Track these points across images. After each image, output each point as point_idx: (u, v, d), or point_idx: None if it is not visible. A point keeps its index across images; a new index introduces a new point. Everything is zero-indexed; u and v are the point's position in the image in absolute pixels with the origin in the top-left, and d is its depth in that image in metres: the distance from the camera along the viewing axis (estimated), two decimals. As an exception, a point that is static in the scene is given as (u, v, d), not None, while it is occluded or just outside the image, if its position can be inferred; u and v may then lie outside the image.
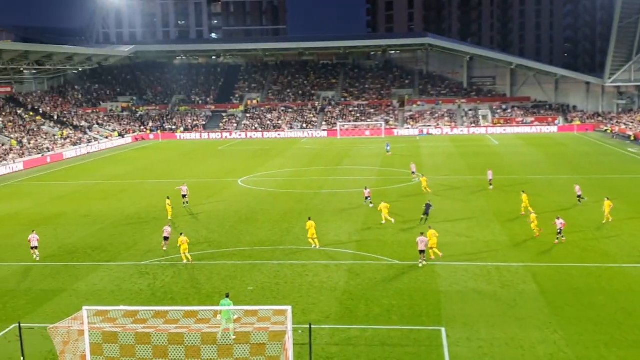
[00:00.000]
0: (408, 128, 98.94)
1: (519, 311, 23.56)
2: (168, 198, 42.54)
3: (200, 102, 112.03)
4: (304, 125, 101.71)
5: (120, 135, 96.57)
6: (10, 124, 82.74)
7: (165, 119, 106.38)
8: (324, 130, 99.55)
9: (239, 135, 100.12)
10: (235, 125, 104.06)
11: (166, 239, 33.06)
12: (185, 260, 30.81)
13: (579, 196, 41.73)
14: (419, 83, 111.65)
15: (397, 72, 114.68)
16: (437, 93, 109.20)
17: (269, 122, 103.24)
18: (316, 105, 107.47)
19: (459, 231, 35.40)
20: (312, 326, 20.40)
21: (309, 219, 34.29)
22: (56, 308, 25.23)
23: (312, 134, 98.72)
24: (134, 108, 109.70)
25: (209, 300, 25.37)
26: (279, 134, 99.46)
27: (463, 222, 37.74)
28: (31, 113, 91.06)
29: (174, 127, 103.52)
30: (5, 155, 71.04)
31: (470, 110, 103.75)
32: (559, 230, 32.21)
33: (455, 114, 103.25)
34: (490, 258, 30.42)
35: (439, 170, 58.51)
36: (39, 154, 75.81)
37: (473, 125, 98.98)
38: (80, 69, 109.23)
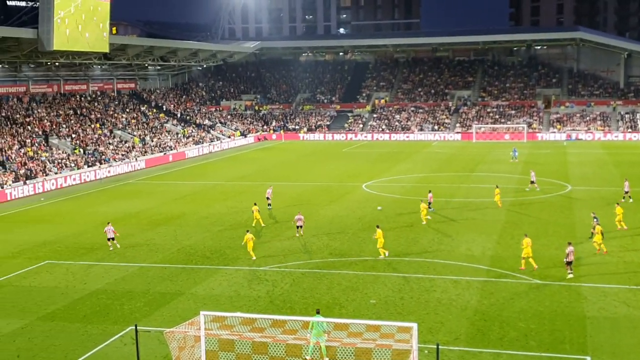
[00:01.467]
0: (554, 132, 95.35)
1: (681, 345, 22.05)
2: (255, 204, 42.33)
3: (325, 101, 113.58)
4: (436, 127, 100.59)
5: (243, 134, 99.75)
6: (133, 120, 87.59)
7: (288, 118, 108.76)
8: (458, 132, 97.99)
9: (365, 136, 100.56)
10: (361, 126, 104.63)
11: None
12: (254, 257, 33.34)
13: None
14: (568, 82, 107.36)
15: (543, 69, 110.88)
16: (588, 93, 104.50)
17: (397, 123, 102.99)
18: (450, 105, 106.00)
19: (610, 249, 33.64)
20: (440, 347, 20.07)
21: (377, 227, 34.08)
22: (173, 312, 26.37)
23: (444, 136, 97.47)
24: (257, 107, 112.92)
25: (329, 311, 25.58)
26: (407, 136, 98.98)
27: (615, 239, 35.83)
28: (154, 110, 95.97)
29: (297, 127, 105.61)
30: (128, 152, 75.27)
31: (627, 113, 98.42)
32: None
33: (610, 117, 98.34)
34: (647, 282, 28.70)
35: (588, 181, 55.93)
36: (161, 152, 79.74)
37: (630, 130, 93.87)
38: (205, 66, 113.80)
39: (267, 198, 47.20)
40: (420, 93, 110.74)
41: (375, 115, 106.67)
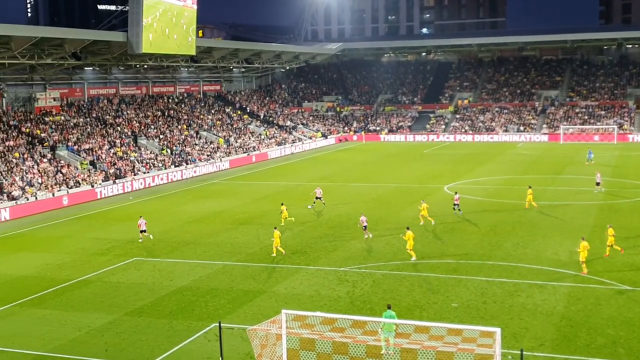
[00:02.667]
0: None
1: None
2: (283, 204, 44.05)
3: (407, 102, 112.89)
4: (521, 128, 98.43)
5: (324, 136, 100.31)
6: (218, 122, 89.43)
7: (369, 119, 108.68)
8: (545, 134, 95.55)
9: (447, 137, 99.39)
10: (444, 126, 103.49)
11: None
12: (274, 254, 34.42)
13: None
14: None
15: (635, 69, 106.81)
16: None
17: (480, 124, 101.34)
18: (536, 105, 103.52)
19: None
20: (524, 352, 19.67)
21: (407, 228, 33.99)
22: (255, 309, 26.79)
23: (530, 137, 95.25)
24: (338, 108, 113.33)
25: (409, 313, 25.44)
26: (491, 137, 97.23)
27: None
28: (239, 112, 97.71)
29: (378, 128, 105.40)
30: (213, 153, 76.90)
31: None
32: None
33: None
34: None
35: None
36: (244, 153, 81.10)
37: None
38: (288, 68, 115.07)
39: (318, 197, 48.58)
40: (505, 93, 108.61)
41: (458, 116, 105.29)
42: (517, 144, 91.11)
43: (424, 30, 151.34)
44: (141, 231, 39.43)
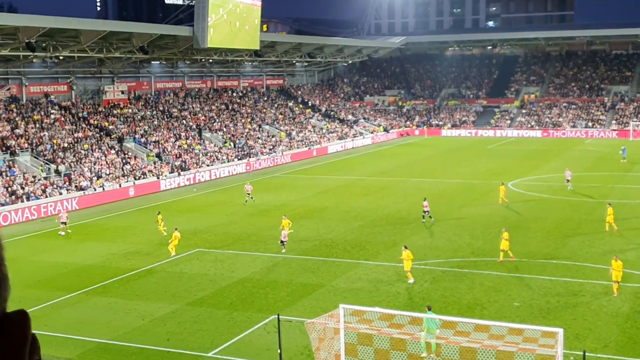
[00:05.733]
0: None
1: None
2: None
3: (471, 96, 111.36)
4: (589, 124, 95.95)
5: (385, 130, 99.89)
6: (281, 116, 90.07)
7: (432, 114, 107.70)
8: (614, 130, 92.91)
9: (512, 133, 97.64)
10: (509, 122, 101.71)
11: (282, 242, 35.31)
12: (172, 254, 34.33)
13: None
14: None
15: None
16: None
17: (547, 120, 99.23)
18: (605, 101, 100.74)
19: None
20: (587, 353, 19.21)
21: (405, 247, 29.87)
22: (314, 303, 26.91)
23: (598, 133, 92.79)
24: (400, 102, 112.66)
25: (469, 312, 25.15)
26: (558, 133, 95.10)
27: None
28: (301, 106, 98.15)
29: (440, 122, 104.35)
30: (275, 146, 77.50)
31: None
32: None
33: None
34: None
35: None
36: (306, 147, 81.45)
37: None
38: (350, 62, 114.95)
39: (248, 194, 49.34)
40: (574, 88, 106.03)
41: (524, 111, 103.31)
42: (584, 140, 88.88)
43: (490, 23, 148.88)
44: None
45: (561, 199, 47.50)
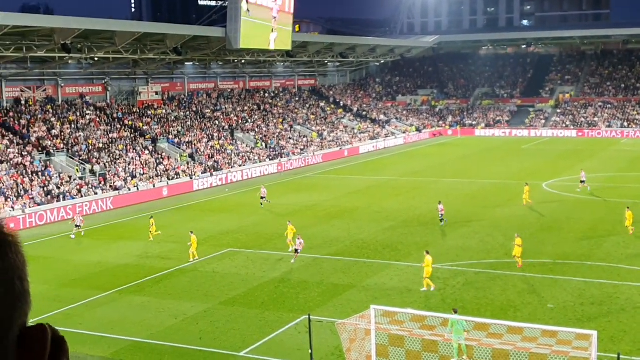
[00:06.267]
0: None
1: None
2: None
3: (505, 95, 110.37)
4: (625, 124, 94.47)
5: (418, 130, 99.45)
6: (312, 116, 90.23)
7: (465, 113, 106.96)
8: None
9: (547, 133, 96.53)
10: (543, 121, 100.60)
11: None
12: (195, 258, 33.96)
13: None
14: None
15: None
16: None
17: (582, 119, 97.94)
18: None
19: None
20: (621, 356, 18.96)
21: (427, 252, 29.08)
22: (345, 303, 26.93)
23: (634, 133, 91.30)
24: (433, 102, 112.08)
25: (502, 313, 24.96)
26: (594, 133, 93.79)
27: None
28: (332, 106, 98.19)
29: (474, 122, 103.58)
30: (307, 147, 77.66)
31: None
32: None
33: None
34: None
35: None
36: (337, 147, 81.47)
37: None
38: (382, 61, 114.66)
39: (262, 197, 48.61)
40: (609, 87, 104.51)
41: (559, 111, 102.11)
42: (620, 140, 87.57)
43: (524, 22, 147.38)
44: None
45: (596, 199, 46.87)
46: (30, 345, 1.40)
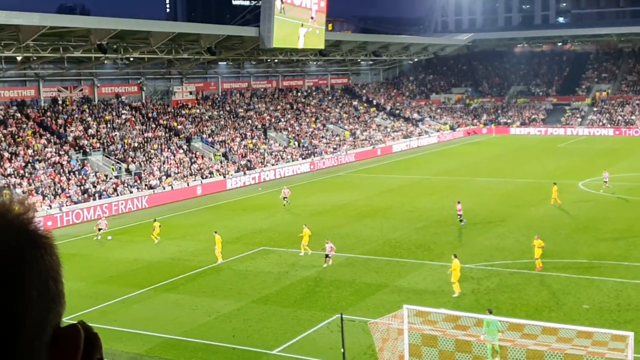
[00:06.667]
0: None
1: None
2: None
3: (541, 93, 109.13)
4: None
5: (452, 128, 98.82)
6: (345, 115, 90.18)
7: (500, 112, 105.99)
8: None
9: (584, 131, 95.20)
10: (580, 120, 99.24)
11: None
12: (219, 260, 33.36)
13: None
14: None
15: None
16: None
17: (619, 117, 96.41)
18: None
19: None
20: (659, 360, 18.68)
21: (455, 256, 28.38)
22: (377, 303, 26.91)
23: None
24: (467, 100, 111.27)
25: (537, 314, 24.73)
26: (631, 131, 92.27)
27: None
28: (365, 104, 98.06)
29: (509, 120, 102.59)
30: (340, 145, 77.66)
31: None
32: None
33: None
34: None
35: None
36: (370, 146, 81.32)
37: None
38: (416, 60, 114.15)
39: (284, 198, 48.57)
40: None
41: (595, 109, 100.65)
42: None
43: (560, 19, 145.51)
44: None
45: (635, 199, 46.13)
46: (63, 344, 1.43)
